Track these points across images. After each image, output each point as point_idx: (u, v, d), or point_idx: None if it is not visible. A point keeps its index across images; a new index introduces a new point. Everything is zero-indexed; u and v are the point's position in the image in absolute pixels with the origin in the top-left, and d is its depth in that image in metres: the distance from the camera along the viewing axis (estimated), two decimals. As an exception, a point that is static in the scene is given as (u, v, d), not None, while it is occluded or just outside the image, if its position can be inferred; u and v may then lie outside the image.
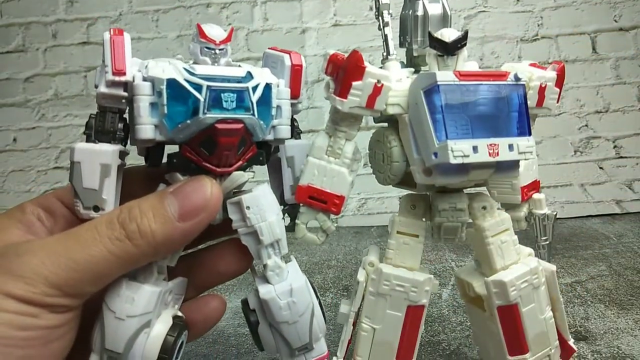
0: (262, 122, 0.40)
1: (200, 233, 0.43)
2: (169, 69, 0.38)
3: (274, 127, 0.43)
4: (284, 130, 0.44)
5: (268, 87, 0.41)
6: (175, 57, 0.41)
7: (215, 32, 0.40)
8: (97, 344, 0.38)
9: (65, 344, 0.37)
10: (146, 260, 0.38)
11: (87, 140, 0.40)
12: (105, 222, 0.37)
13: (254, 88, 0.40)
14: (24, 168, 1.45)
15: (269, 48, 0.47)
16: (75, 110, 1.43)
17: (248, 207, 0.42)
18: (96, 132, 0.40)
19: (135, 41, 1.39)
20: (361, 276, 0.47)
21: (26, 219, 0.42)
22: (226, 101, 0.38)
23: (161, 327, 0.39)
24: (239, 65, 0.42)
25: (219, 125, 0.37)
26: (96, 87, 0.39)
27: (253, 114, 0.39)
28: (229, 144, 0.39)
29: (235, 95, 0.38)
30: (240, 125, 0.38)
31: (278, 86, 0.43)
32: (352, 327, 0.48)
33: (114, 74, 0.38)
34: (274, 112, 0.42)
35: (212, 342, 0.70)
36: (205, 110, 0.37)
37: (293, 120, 0.47)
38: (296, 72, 0.45)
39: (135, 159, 0.43)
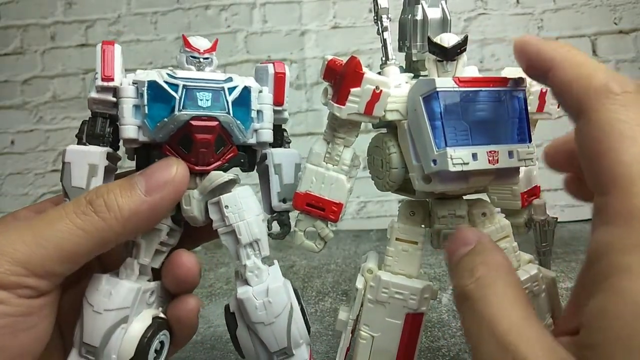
0: (239, 122, 0.42)
1: (188, 237, 0.45)
2: (153, 73, 0.41)
3: (256, 131, 0.45)
4: (266, 134, 0.46)
5: (247, 89, 0.43)
6: (168, 68, 0.43)
7: (201, 42, 0.44)
8: (77, 337, 0.39)
9: (37, 336, 0.36)
10: (115, 237, 0.38)
11: (78, 143, 0.43)
12: (73, 201, 0.38)
13: (231, 89, 0.42)
14: (22, 171, 1.44)
15: (260, 63, 0.49)
16: (73, 112, 1.42)
17: (226, 207, 0.43)
18: (87, 135, 0.42)
19: (134, 43, 1.40)
20: (359, 283, 0.47)
21: (14, 223, 0.41)
22: (201, 99, 0.41)
23: (139, 325, 0.40)
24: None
25: (194, 122, 0.40)
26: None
27: (228, 113, 0.41)
28: (204, 141, 0.41)
29: (210, 94, 0.41)
30: (214, 123, 0.41)
31: (261, 92, 0.45)
32: (350, 335, 0.47)
33: (103, 79, 0.41)
34: (254, 114, 0.44)
35: (210, 347, 0.69)
36: (181, 108, 0.40)
37: (283, 130, 0.50)
38: (279, 80, 0.47)
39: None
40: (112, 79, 0.41)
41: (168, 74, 0.41)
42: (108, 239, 0.37)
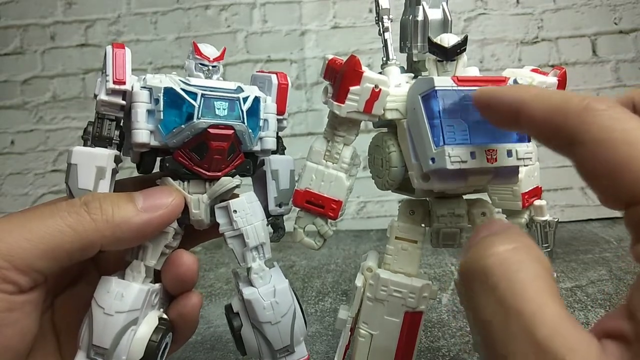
0: (250, 131, 0.44)
1: (185, 238, 0.45)
2: (166, 80, 0.42)
3: (260, 138, 0.46)
4: (270, 142, 0.47)
5: (257, 100, 0.45)
6: (171, 74, 0.44)
7: (210, 50, 0.45)
8: (85, 340, 0.39)
9: (21, 332, 0.36)
10: (101, 241, 0.37)
11: (85, 145, 0.42)
12: (67, 200, 0.38)
13: (245, 99, 0.43)
14: (22, 171, 1.44)
15: (257, 71, 0.50)
16: (73, 112, 1.42)
17: (235, 211, 0.44)
18: (93, 137, 0.42)
19: (133, 43, 1.40)
20: (359, 281, 0.47)
21: None
22: (219, 109, 0.42)
23: (147, 327, 0.41)
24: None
25: (212, 130, 0.41)
26: (96, 96, 0.42)
27: (243, 122, 0.43)
28: (219, 148, 0.42)
29: (227, 103, 0.42)
30: (230, 132, 0.42)
31: (265, 101, 0.46)
32: (349, 333, 0.48)
33: (114, 82, 0.41)
34: (261, 123, 0.46)
35: (210, 348, 0.69)
36: (200, 116, 0.41)
37: (278, 137, 0.50)
38: (282, 90, 0.48)
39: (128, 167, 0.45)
40: (124, 83, 0.41)
41: (182, 81, 0.42)
42: (94, 242, 0.37)
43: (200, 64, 0.44)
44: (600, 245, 1.09)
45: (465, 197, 0.47)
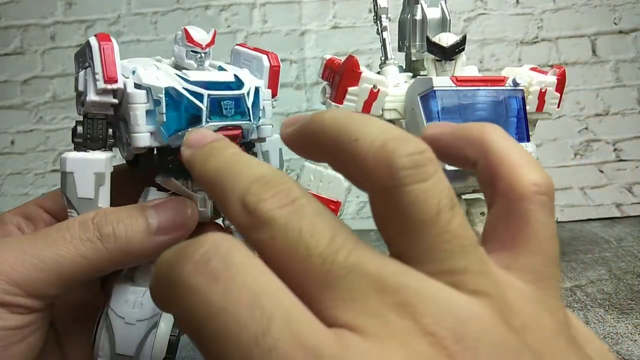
0: (253, 124, 0.42)
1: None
2: (162, 76, 0.39)
3: (258, 127, 0.44)
4: (268, 130, 0.45)
5: (257, 90, 0.43)
6: (154, 58, 0.42)
7: (201, 36, 0.42)
8: (105, 350, 0.39)
9: (29, 347, 0.36)
10: (112, 267, 0.37)
11: (77, 149, 0.40)
12: (78, 222, 0.36)
13: (248, 94, 0.41)
14: (22, 171, 1.44)
15: (237, 44, 0.47)
16: (73, 112, 1.39)
17: None
18: (85, 139, 0.40)
19: (133, 43, 1.40)
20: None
21: (4, 229, 0.41)
22: (226, 108, 0.39)
23: (165, 324, 0.40)
24: (219, 66, 0.43)
25: (221, 132, 0.39)
26: (80, 93, 0.39)
27: (249, 119, 0.41)
28: None
29: (233, 102, 0.40)
30: (238, 131, 0.40)
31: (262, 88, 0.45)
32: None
33: (106, 82, 0.38)
34: (260, 114, 0.44)
35: (209, 347, 0.69)
36: (208, 119, 0.39)
37: None
38: (275, 73, 0.46)
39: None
40: (116, 81, 0.38)
41: (179, 76, 0.39)
42: (107, 267, 0.37)
43: (192, 51, 0.41)
44: (600, 245, 1.09)
45: (464, 197, 0.47)
